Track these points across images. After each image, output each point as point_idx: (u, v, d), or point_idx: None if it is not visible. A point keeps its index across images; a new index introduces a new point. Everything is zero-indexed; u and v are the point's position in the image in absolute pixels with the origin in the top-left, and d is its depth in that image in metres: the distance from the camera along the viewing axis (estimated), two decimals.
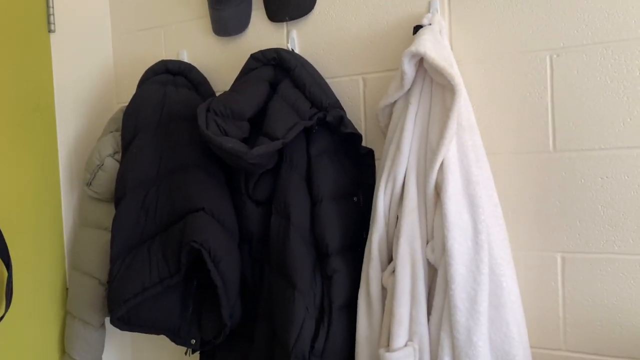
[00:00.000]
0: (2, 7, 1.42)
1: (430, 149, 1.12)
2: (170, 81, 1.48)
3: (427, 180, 1.11)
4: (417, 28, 1.22)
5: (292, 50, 1.43)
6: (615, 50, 1.10)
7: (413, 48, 1.11)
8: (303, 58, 1.38)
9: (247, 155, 1.19)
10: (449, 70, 1.08)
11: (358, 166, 1.32)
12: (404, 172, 1.15)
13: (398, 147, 1.16)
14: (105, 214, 1.49)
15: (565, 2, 1.13)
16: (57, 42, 1.57)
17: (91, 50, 1.68)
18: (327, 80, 1.38)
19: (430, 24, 1.21)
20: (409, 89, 1.19)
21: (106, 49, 1.73)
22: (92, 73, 1.68)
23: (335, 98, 1.34)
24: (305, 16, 1.43)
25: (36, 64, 1.52)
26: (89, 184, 1.48)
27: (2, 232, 1.34)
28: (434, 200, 1.11)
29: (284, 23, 1.46)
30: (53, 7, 1.54)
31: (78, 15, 1.64)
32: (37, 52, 1.52)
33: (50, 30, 1.54)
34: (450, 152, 1.10)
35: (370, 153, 1.31)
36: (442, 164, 1.10)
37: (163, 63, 1.51)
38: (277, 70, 1.37)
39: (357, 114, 1.38)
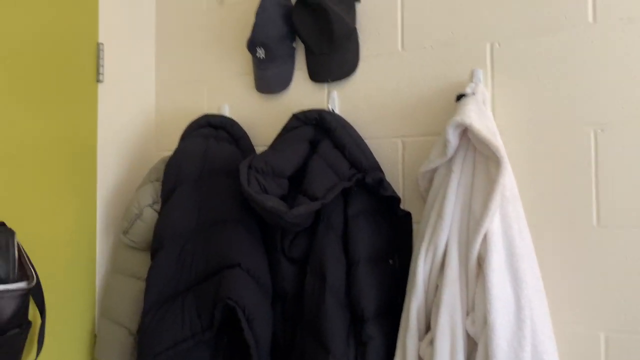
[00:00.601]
0: (56, 56, 1.48)
1: (473, 219, 1.12)
2: (212, 135, 1.52)
3: (470, 250, 1.10)
4: (460, 96, 1.24)
5: (333, 110, 1.46)
6: None
7: (458, 118, 1.12)
8: (343, 119, 1.40)
9: (286, 215, 1.20)
10: (494, 143, 1.08)
11: (394, 228, 1.32)
12: (445, 241, 1.14)
13: (440, 215, 1.15)
14: (140, 262, 1.50)
15: (610, 78, 1.14)
16: (104, 91, 1.62)
17: (135, 100, 1.73)
18: (366, 141, 1.39)
19: (473, 94, 1.23)
20: (452, 157, 1.19)
21: (149, 99, 1.78)
22: (135, 122, 1.73)
23: (374, 160, 1.36)
24: (347, 78, 1.46)
25: (83, 111, 1.57)
26: (125, 233, 1.49)
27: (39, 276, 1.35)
28: (476, 271, 1.10)
29: (326, 84, 1.49)
30: (103, 59, 1.60)
31: (126, 66, 1.70)
32: (85, 100, 1.57)
33: (98, 81, 1.60)
34: (493, 224, 1.09)
35: (408, 216, 1.31)
36: (485, 235, 1.09)
37: (206, 117, 1.55)
38: (318, 130, 1.40)
39: (396, 176, 1.39)
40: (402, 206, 1.34)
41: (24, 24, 1.41)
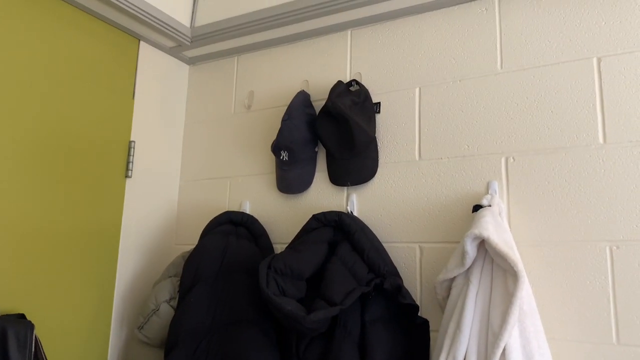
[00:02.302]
0: (90, 151, 1.56)
1: (492, 333, 1.11)
2: (232, 232, 1.55)
3: None
4: (476, 207, 1.28)
5: (351, 212, 1.50)
6: None
7: (476, 231, 1.15)
8: (363, 222, 1.44)
9: (304, 320, 1.20)
10: (512, 257, 1.10)
11: (411, 336, 1.30)
12: (464, 353, 1.13)
13: (458, 327, 1.15)
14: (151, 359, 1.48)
15: (622, 196, 1.18)
16: (132, 186, 1.69)
17: (159, 195, 1.80)
18: (384, 244, 1.42)
19: (489, 205, 1.26)
20: (470, 267, 1.21)
21: (173, 194, 1.85)
22: (157, 215, 1.78)
23: (393, 265, 1.37)
24: (366, 183, 1.51)
25: (109, 205, 1.62)
26: (140, 328, 1.49)
27: None
28: None
29: (345, 187, 1.55)
30: (133, 156, 1.68)
31: (153, 163, 1.78)
32: (112, 195, 1.63)
33: (127, 176, 1.67)
34: (512, 338, 1.09)
35: (425, 324, 1.30)
36: (504, 350, 1.08)
37: (227, 214, 1.59)
38: (337, 232, 1.43)
39: (413, 281, 1.40)
40: (419, 313, 1.33)
41: (64, 121, 1.50)
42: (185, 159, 1.89)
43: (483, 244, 1.20)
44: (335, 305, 1.24)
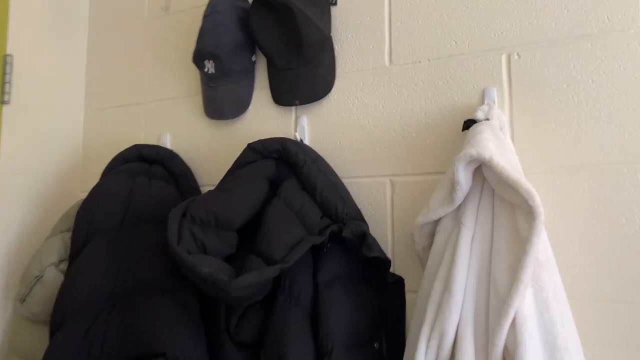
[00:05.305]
0: None
1: (495, 295, 0.79)
2: (143, 171, 1.20)
3: (493, 341, 0.76)
4: (469, 123, 0.94)
5: (301, 141, 1.15)
6: None
7: (473, 150, 0.80)
8: (315, 152, 1.11)
9: (229, 286, 0.86)
10: (525, 186, 0.77)
11: (381, 299, 1.01)
12: (456, 325, 0.81)
13: (447, 288, 0.82)
14: (40, 341, 1.13)
15: None
16: (10, 115, 1.29)
17: (55, 128, 1.41)
18: (345, 181, 1.10)
19: (487, 119, 0.92)
20: (461, 205, 0.87)
21: (74, 128, 1.45)
22: (53, 155, 1.39)
23: (356, 206, 1.06)
24: (320, 100, 1.16)
25: None
26: (22, 301, 1.14)
27: None
28: None
29: (293, 107, 1.19)
30: (11, 74, 1.27)
31: (42, 85, 1.37)
32: None
33: (3, 102, 1.26)
34: (525, 302, 0.76)
35: (399, 283, 1.01)
36: (514, 319, 0.76)
37: (136, 148, 1.24)
38: (281, 165, 1.10)
39: (383, 228, 1.07)
40: (391, 269, 1.02)
41: None
42: (89, 81, 1.49)
43: (480, 171, 0.86)
44: (275, 263, 0.91)
